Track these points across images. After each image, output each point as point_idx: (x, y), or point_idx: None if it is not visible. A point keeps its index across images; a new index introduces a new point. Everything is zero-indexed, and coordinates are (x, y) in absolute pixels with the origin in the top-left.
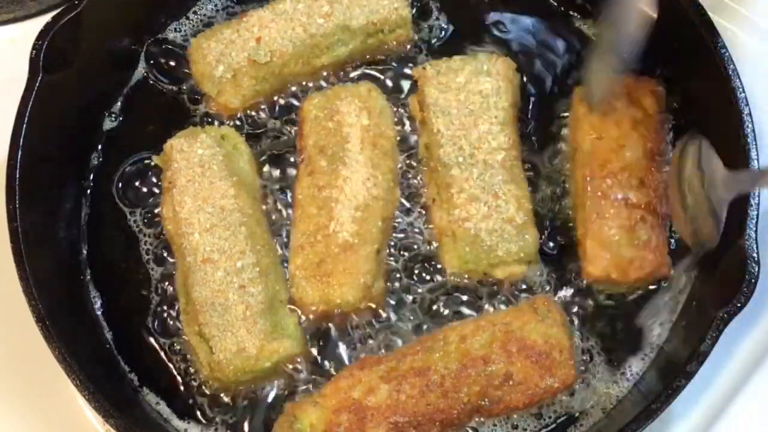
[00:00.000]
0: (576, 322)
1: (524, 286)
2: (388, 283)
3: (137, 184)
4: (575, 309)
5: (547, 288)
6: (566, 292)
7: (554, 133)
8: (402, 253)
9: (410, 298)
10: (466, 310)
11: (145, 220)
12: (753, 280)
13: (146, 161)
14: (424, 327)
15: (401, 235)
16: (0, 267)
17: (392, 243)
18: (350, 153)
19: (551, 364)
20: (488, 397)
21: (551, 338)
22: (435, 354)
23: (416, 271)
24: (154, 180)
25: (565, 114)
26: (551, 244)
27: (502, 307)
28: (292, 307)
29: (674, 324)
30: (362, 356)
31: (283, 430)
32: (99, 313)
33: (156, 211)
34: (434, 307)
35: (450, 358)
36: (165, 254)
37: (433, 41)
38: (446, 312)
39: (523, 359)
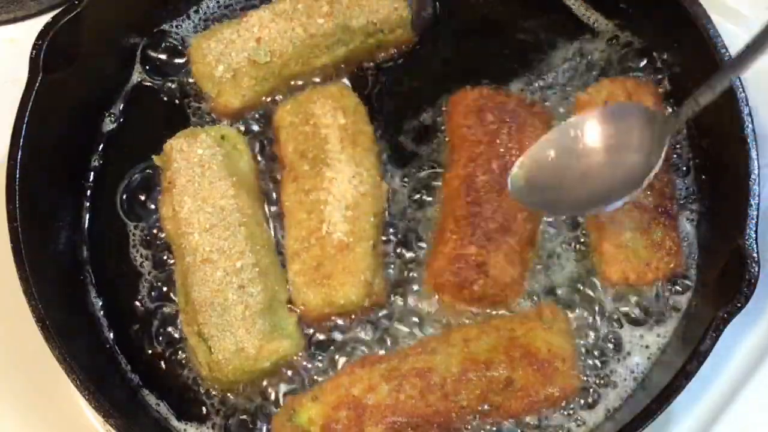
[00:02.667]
0: (582, 324)
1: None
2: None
3: (136, 185)
4: (582, 311)
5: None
6: (574, 296)
7: None
8: (401, 251)
9: (411, 297)
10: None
11: (145, 221)
12: (753, 280)
13: (144, 161)
14: (426, 327)
15: (399, 233)
16: (0, 267)
17: (393, 241)
18: (332, 153)
19: (553, 372)
20: (488, 402)
21: (555, 347)
22: (437, 356)
23: (415, 270)
24: (153, 180)
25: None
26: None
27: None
28: (291, 307)
29: (674, 324)
30: (362, 355)
31: (282, 423)
32: (99, 313)
33: (155, 210)
34: (435, 307)
35: (452, 360)
36: (165, 254)
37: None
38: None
39: (525, 366)
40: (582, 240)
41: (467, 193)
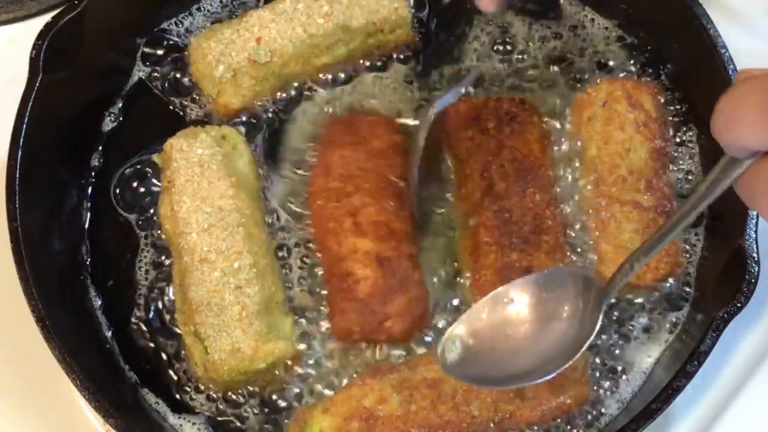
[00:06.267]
0: None
1: None
2: None
3: (135, 185)
4: None
5: None
6: None
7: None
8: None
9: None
10: None
11: (144, 220)
12: (753, 280)
13: (144, 161)
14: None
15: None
16: (0, 267)
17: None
18: None
19: (564, 381)
20: (499, 412)
21: None
22: None
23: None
24: (153, 180)
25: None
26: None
27: None
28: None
29: (674, 324)
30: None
31: None
32: (98, 312)
33: (154, 210)
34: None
35: None
36: (163, 254)
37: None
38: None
39: None
40: (581, 241)
41: (492, 201)
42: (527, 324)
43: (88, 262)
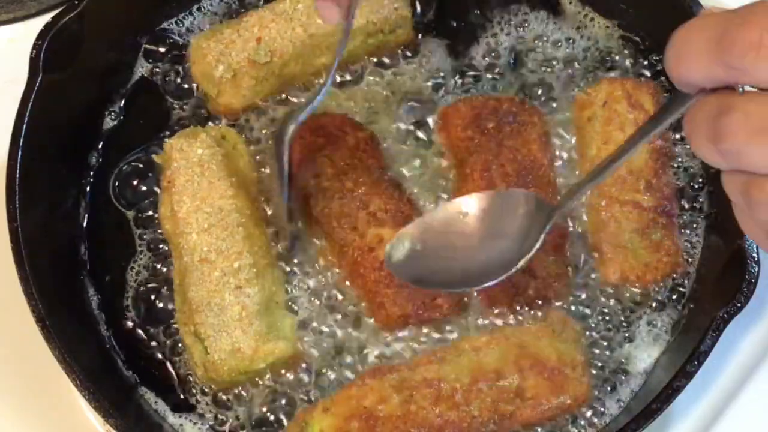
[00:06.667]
0: (590, 324)
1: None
2: None
3: (135, 183)
4: (588, 312)
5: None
6: (575, 298)
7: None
8: None
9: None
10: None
11: (143, 220)
12: (753, 280)
13: (143, 160)
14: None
15: None
16: (0, 267)
17: None
18: None
19: (563, 380)
20: (499, 412)
21: (564, 354)
22: (447, 366)
23: None
24: (152, 179)
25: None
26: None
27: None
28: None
29: (674, 324)
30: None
31: None
32: (98, 312)
33: (153, 210)
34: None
35: (462, 370)
36: (163, 253)
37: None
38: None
39: (536, 375)
40: (581, 241)
41: None
42: (475, 235)
43: (86, 261)
